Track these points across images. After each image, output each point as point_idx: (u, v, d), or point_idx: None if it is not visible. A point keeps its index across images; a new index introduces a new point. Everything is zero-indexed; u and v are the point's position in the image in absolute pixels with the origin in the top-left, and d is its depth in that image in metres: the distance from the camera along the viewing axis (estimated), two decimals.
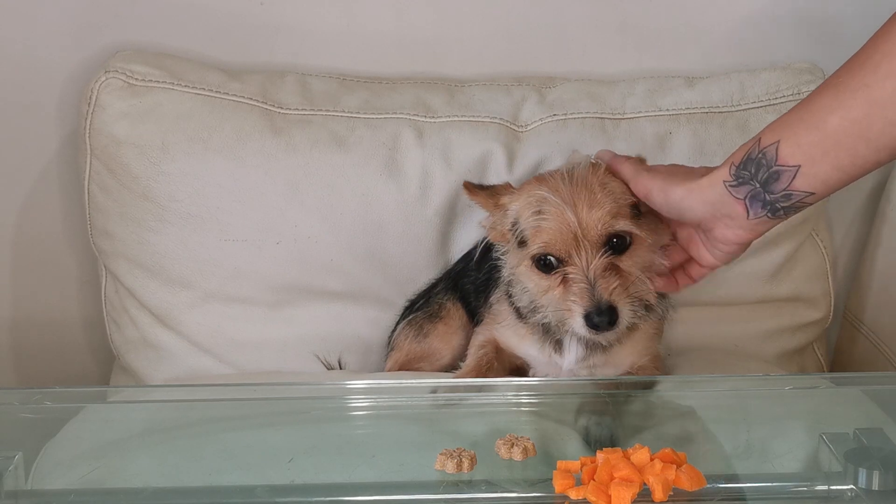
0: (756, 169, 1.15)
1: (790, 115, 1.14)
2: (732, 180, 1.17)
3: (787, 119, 1.14)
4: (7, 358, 1.89)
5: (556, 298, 1.31)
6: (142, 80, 1.62)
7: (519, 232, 1.34)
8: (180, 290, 1.65)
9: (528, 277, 1.35)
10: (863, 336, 1.83)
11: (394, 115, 1.65)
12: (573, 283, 1.29)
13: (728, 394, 1.35)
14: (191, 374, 1.66)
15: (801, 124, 1.11)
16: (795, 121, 1.12)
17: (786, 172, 1.13)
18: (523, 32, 1.77)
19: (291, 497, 1.12)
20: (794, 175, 1.13)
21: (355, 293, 1.66)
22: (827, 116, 1.09)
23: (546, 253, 1.31)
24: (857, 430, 1.15)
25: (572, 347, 1.40)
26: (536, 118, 1.67)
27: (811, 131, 1.10)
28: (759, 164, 1.15)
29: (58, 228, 1.83)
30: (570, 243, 1.29)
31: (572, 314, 1.29)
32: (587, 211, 1.28)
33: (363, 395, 1.35)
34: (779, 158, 1.13)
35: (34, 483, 1.14)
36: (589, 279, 1.28)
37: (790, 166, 1.13)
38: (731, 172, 1.17)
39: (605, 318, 1.27)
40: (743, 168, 1.16)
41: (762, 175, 1.15)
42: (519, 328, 1.44)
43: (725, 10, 1.77)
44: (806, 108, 1.12)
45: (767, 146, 1.14)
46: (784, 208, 1.16)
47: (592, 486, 1.05)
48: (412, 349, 1.59)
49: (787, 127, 1.13)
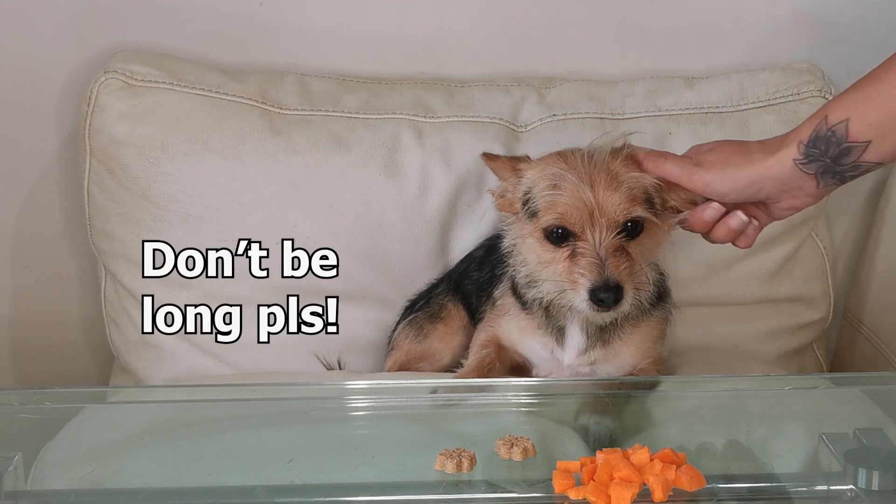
0: (826, 146, 1.19)
1: (857, 93, 1.18)
2: (803, 158, 1.21)
3: (854, 97, 1.18)
4: (7, 358, 1.89)
5: (561, 272, 1.30)
6: (141, 80, 1.62)
7: (531, 202, 1.33)
8: (180, 291, 1.65)
9: (534, 249, 1.34)
10: (862, 336, 1.83)
11: (393, 115, 1.65)
12: (582, 258, 1.28)
13: (728, 394, 1.35)
14: (190, 374, 1.66)
15: (870, 102, 1.16)
16: (864, 98, 1.17)
17: (856, 148, 1.18)
18: (523, 33, 1.77)
19: (291, 497, 1.12)
20: (864, 149, 1.18)
21: (355, 293, 1.66)
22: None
23: (560, 225, 1.30)
24: (857, 430, 1.15)
25: (574, 336, 1.40)
26: (536, 118, 1.67)
27: (881, 109, 1.15)
28: (828, 141, 1.19)
29: (57, 229, 1.83)
30: (584, 219, 1.29)
31: (577, 287, 1.28)
32: (605, 193, 1.29)
33: (363, 396, 1.35)
34: (849, 136, 1.18)
35: (34, 483, 1.14)
36: (600, 255, 1.28)
37: (861, 142, 1.17)
38: (801, 151, 1.21)
39: (611, 295, 1.26)
40: (812, 146, 1.20)
41: (832, 151, 1.19)
42: (522, 321, 1.44)
43: (725, 10, 1.77)
44: (874, 87, 1.17)
45: (836, 124, 1.18)
46: (852, 176, 1.22)
47: (592, 487, 1.05)
48: (412, 349, 1.59)
49: (857, 105, 1.17)
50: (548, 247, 1.32)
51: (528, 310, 1.43)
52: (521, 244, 1.38)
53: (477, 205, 1.63)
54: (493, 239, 1.58)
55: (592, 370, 1.42)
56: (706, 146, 1.30)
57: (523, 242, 1.37)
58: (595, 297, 1.27)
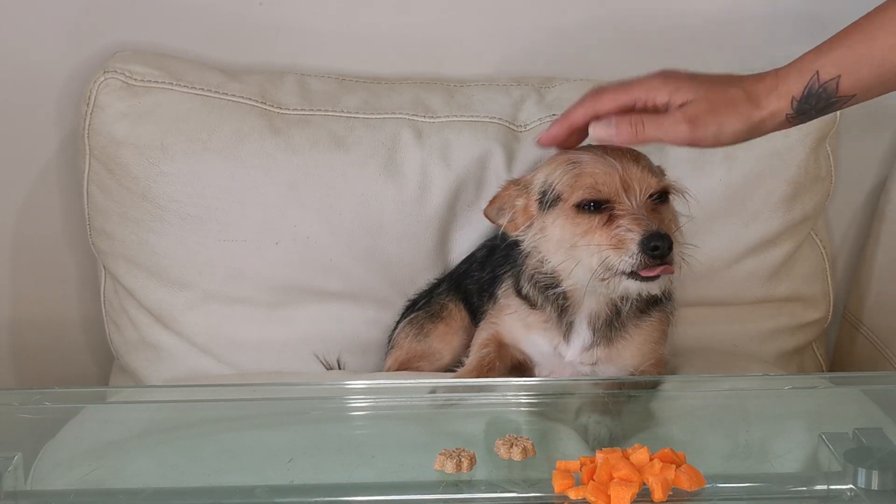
0: (816, 101, 1.22)
1: (849, 50, 1.20)
2: (795, 113, 1.23)
3: (846, 55, 1.20)
4: (6, 358, 1.89)
5: (601, 237, 1.27)
6: (141, 80, 1.62)
7: (551, 191, 1.32)
8: (180, 291, 1.65)
9: (565, 229, 1.31)
10: (862, 336, 1.83)
11: (393, 115, 1.65)
12: (623, 217, 1.26)
13: (727, 394, 1.35)
14: (190, 374, 1.66)
15: (862, 62, 1.19)
16: (856, 59, 1.20)
17: (841, 100, 1.22)
18: (522, 33, 1.77)
19: (291, 497, 1.12)
20: (847, 101, 1.22)
21: (354, 293, 1.66)
22: (890, 54, 1.18)
23: (592, 198, 1.28)
24: (857, 429, 1.15)
25: (580, 331, 1.40)
26: (536, 118, 1.67)
27: (873, 67, 1.19)
28: (819, 97, 1.22)
29: (57, 229, 1.83)
30: (616, 185, 1.27)
31: (623, 245, 1.25)
32: (628, 164, 1.28)
33: (363, 396, 1.35)
34: (839, 91, 1.21)
35: (33, 483, 1.14)
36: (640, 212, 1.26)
37: (847, 96, 1.21)
38: (794, 107, 1.23)
39: (665, 242, 1.23)
40: (805, 102, 1.22)
41: (821, 105, 1.22)
42: (527, 317, 1.44)
43: (725, 10, 1.77)
44: (868, 45, 1.19)
45: (828, 81, 1.21)
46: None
47: (592, 486, 1.05)
48: (412, 348, 1.59)
49: (849, 64, 1.20)
50: (581, 217, 1.29)
51: (534, 307, 1.42)
52: (542, 240, 1.35)
53: (477, 204, 1.63)
54: (494, 239, 1.59)
55: (594, 371, 1.42)
56: (679, 95, 1.27)
57: (544, 236, 1.35)
58: (648, 247, 1.23)
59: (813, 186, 1.69)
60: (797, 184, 1.67)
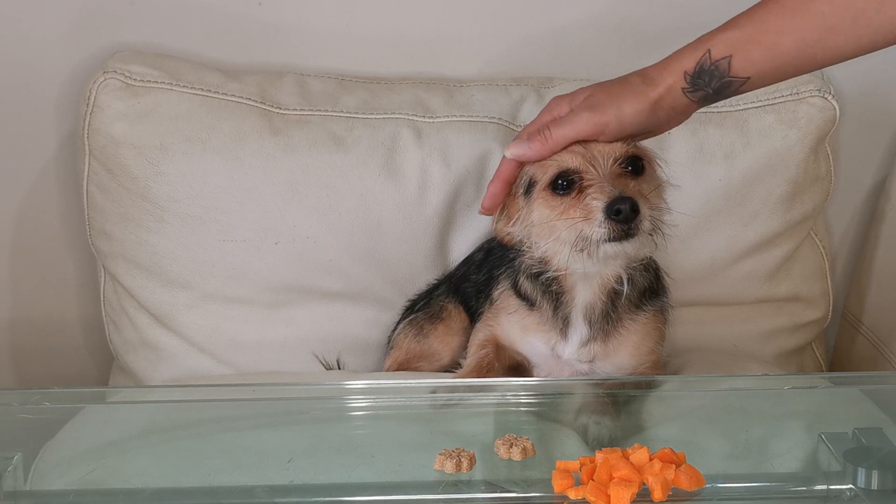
0: (709, 78, 1.25)
1: (740, 31, 1.24)
2: (689, 87, 1.26)
3: (738, 35, 1.24)
4: (6, 359, 1.89)
5: (574, 212, 1.27)
6: (140, 80, 1.62)
7: (530, 179, 1.33)
8: (179, 291, 1.65)
9: (542, 212, 1.32)
10: (862, 335, 1.83)
11: (392, 115, 1.65)
12: (590, 187, 1.26)
13: (727, 394, 1.35)
14: (190, 374, 1.66)
15: (753, 44, 1.22)
16: (748, 40, 1.23)
17: (736, 82, 1.25)
18: (522, 33, 1.77)
19: (290, 497, 1.12)
20: (742, 83, 1.25)
21: (354, 293, 1.66)
22: (780, 38, 1.21)
23: (562, 170, 1.28)
24: (856, 429, 1.15)
25: (577, 325, 1.39)
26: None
27: (763, 50, 1.22)
28: (711, 75, 1.25)
29: (56, 229, 1.83)
30: (585, 160, 1.28)
31: (592, 213, 1.25)
32: (599, 145, 1.29)
33: (362, 396, 1.35)
34: (731, 71, 1.24)
35: (33, 484, 1.14)
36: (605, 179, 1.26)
37: (741, 77, 1.25)
38: (687, 81, 1.26)
39: (627, 204, 1.22)
40: (697, 77, 1.25)
41: (715, 84, 1.25)
42: (524, 319, 1.44)
43: (724, 10, 1.76)
44: (758, 28, 1.22)
45: (719, 59, 1.24)
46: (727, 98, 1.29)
47: (591, 486, 1.05)
48: (412, 348, 1.59)
49: (740, 45, 1.23)
50: (556, 199, 1.30)
51: (532, 306, 1.43)
52: (528, 227, 1.35)
53: (476, 204, 1.63)
54: (491, 241, 1.59)
55: (591, 368, 1.42)
56: (579, 97, 1.30)
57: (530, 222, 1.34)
58: (611, 211, 1.23)
59: (812, 186, 1.69)
60: (797, 184, 1.67)
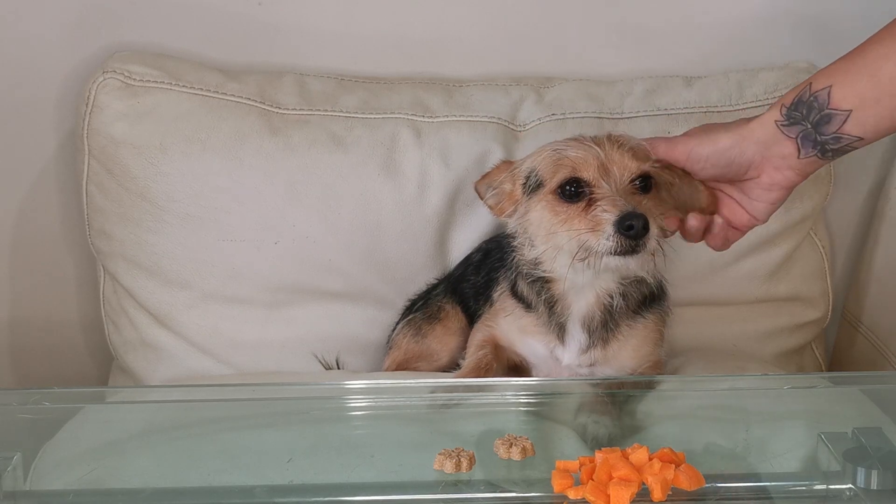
0: (808, 111, 1.19)
1: (843, 61, 1.18)
2: (784, 120, 1.21)
3: (839, 65, 1.18)
4: (6, 358, 1.89)
5: (580, 222, 1.26)
6: (140, 80, 1.62)
7: (536, 177, 1.32)
8: (179, 291, 1.65)
9: (544, 216, 1.31)
10: (861, 335, 1.83)
11: (392, 115, 1.65)
12: (601, 200, 1.25)
13: (727, 394, 1.35)
14: (189, 374, 1.66)
15: (854, 70, 1.16)
16: (848, 67, 1.17)
17: (837, 116, 1.18)
18: (521, 32, 1.77)
19: (290, 497, 1.12)
20: (845, 119, 1.17)
21: (354, 293, 1.66)
22: (882, 64, 1.14)
23: (572, 177, 1.27)
24: (856, 429, 1.15)
25: (575, 333, 1.39)
26: (535, 118, 1.67)
27: (864, 78, 1.15)
28: (810, 107, 1.19)
29: (56, 229, 1.83)
30: (598, 170, 1.27)
31: (600, 227, 1.24)
32: (612, 149, 1.28)
33: (362, 396, 1.35)
34: (831, 102, 1.18)
35: (33, 484, 1.14)
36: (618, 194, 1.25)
37: (842, 110, 1.17)
38: (783, 113, 1.21)
39: (640, 220, 1.22)
40: (794, 109, 1.20)
41: (813, 117, 1.19)
42: (523, 320, 1.44)
43: (724, 10, 1.77)
44: (860, 55, 1.17)
45: (819, 90, 1.18)
46: (833, 150, 1.21)
47: (591, 486, 1.05)
48: (410, 349, 1.59)
49: (840, 73, 1.17)
50: (561, 206, 1.29)
51: (529, 308, 1.43)
52: (526, 225, 1.35)
53: (475, 204, 1.63)
54: (489, 242, 1.59)
55: (591, 372, 1.42)
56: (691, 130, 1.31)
57: (528, 220, 1.35)
58: (622, 226, 1.22)
59: (812, 186, 1.69)
60: None
